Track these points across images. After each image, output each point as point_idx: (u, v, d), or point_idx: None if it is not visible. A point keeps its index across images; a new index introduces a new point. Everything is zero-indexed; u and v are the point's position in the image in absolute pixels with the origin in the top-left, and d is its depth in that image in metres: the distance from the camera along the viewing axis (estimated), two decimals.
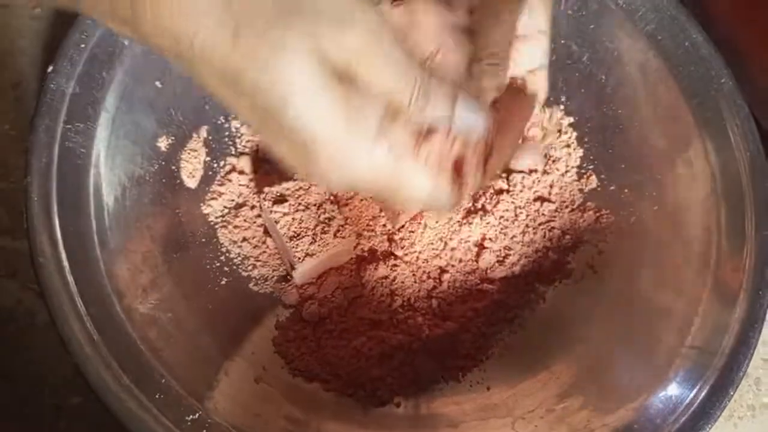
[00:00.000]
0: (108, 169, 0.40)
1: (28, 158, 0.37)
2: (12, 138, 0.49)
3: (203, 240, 0.46)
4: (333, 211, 0.45)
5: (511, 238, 0.48)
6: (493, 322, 0.46)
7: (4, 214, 0.47)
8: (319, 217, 0.45)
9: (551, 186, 0.50)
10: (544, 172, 0.50)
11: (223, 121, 0.48)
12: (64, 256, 0.36)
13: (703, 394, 0.38)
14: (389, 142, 0.25)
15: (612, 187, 0.49)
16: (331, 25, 0.23)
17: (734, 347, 0.39)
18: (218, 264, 0.46)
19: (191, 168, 0.46)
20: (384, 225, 0.47)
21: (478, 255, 0.48)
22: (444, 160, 0.27)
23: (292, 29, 0.22)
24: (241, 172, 0.48)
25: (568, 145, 0.51)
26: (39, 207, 0.37)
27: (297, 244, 0.44)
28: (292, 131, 0.24)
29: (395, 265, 0.46)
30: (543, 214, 0.49)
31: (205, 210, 0.46)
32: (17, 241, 0.46)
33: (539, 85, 0.36)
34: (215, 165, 0.47)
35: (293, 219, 0.44)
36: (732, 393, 0.38)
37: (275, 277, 0.46)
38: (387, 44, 0.25)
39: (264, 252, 0.46)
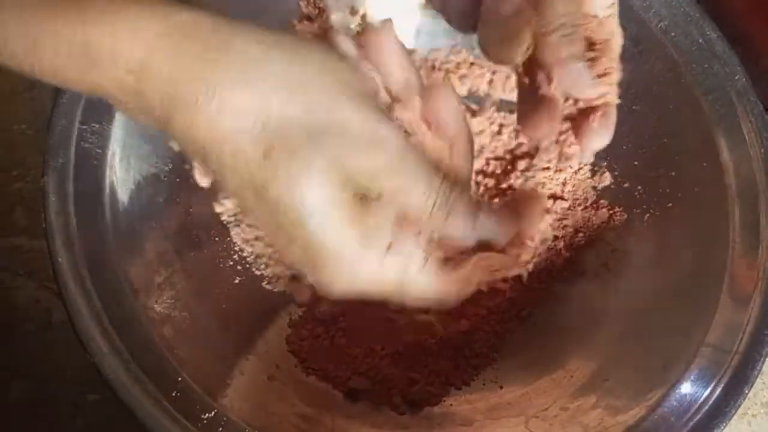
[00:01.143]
0: (123, 169, 0.40)
1: (46, 159, 0.38)
2: (28, 138, 0.49)
3: (216, 239, 0.46)
4: None
5: None
6: (506, 320, 0.46)
7: (21, 213, 0.47)
8: None
9: (564, 183, 0.50)
10: (557, 170, 0.50)
11: None
12: (81, 255, 0.37)
13: (717, 392, 0.38)
14: (399, 254, 0.25)
15: (626, 185, 0.49)
16: (357, 145, 0.24)
17: (749, 345, 0.38)
18: (231, 263, 0.46)
19: (204, 167, 0.46)
20: None
21: None
22: (455, 266, 0.27)
23: (319, 150, 0.24)
24: None
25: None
26: (56, 207, 0.37)
27: None
28: (305, 244, 0.25)
29: None
30: (556, 212, 0.49)
31: (218, 209, 0.47)
32: (34, 240, 0.47)
33: (611, 30, 0.34)
34: None
35: None
36: (747, 391, 0.38)
37: (288, 276, 0.47)
38: (412, 161, 0.25)
39: (277, 251, 0.47)
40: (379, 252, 0.25)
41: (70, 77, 0.24)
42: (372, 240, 0.25)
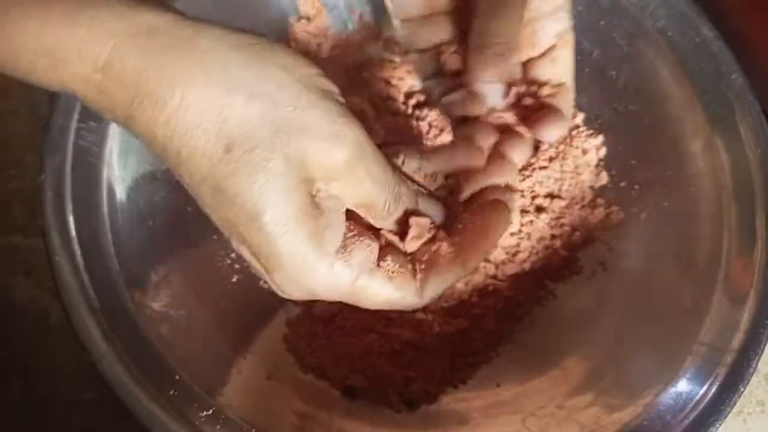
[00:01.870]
0: (121, 167, 0.40)
1: (43, 157, 0.38)
2: (24, 136, 0.49)
3: (214, 237, 0.46)
4: None
5: (521, 234, 0.48)
6: (503, 318, 0.47)
7: (19, 212, 0.47)
8: None
9: (561, 182, 0.50)
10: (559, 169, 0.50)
11: None
12: (78, 253, 0.37)
13: (713, 390, 0.38)
14: (350, 259, 0.26)
15: (622, 184, 0.49)
16: (317, 143, 0.25)
17: (744, 344, 0.39)
18: (229, 261, 0.46)
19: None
20: None
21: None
22: (404, 265, 0.28)
23: (278, 149, 0.24)
24: None
25: None
26: (53, 205, 0.37)
27: None
28: (257, 242, 0.25)
29: None
30: (553, 211, 0.49)
31: None
32: (31, 239, 0.47)
33: (565, 64, 0.35)
34: None
35: None
36: (742, 389, 0.38)
37: None
38: (371, 158, 0.26)
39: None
40: (329, 253, 0.26)
41: (41, 77, 0.25)
42: (323, 241, 0.26)
